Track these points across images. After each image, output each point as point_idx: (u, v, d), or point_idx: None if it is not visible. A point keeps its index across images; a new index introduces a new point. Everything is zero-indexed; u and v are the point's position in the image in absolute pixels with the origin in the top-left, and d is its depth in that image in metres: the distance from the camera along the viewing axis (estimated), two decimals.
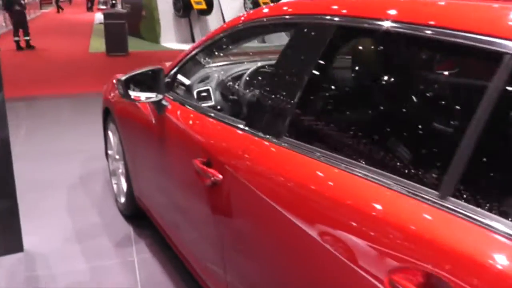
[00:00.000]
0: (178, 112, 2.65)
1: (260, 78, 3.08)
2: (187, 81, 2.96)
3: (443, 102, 1.62)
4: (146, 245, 3.46)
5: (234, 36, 2.56)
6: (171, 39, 15.30)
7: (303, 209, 1.60)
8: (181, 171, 2.56)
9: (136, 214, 3.62)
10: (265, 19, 2.24)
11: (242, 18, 2.43)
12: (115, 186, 3.99)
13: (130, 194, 3.54)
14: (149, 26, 15.72)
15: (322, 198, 1.54)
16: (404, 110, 1.70)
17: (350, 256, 1.39)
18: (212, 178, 2.07)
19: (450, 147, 1.26)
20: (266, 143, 1.88)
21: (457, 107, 1.55)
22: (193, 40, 15.17)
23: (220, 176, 2.04)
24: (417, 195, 1.30)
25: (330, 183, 1.57)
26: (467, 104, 1.31)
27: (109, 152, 4.04)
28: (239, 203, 1.98)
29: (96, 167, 4.82)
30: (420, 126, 1.56)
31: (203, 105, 2.98)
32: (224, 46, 2.71)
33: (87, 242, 3.49)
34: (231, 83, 3.10)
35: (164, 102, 2.72)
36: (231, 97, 3.02)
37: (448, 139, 1.45)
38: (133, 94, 2.72)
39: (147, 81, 2.74)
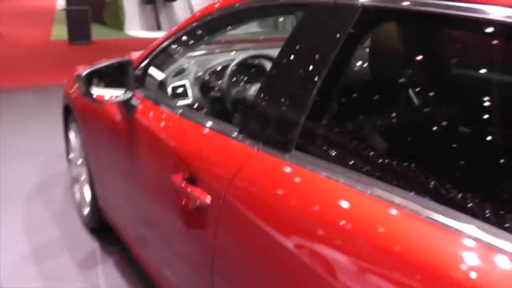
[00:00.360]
0: (151, 113, 2.20)
1: (251, 72, 2.64)
2: (160, 75, 2.51)
3: None
4: (114, 264, 3.00)
5: (215, 23, 2.12)
6: (136, 27, 14.68)
7: (321, 245, 1.19)
8: (156, 186, 2.11)
9: (102, 227, 3.15)
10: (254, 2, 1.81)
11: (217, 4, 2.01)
12: (77, 195, 3.50)
13: (94, 204, 3.07)
14: (113, 13, 15.04)
15: (347, 234, 1.14)
16: (464, 122, 1.28)
17: None
18: (198, 202, 1.64)
19: None
20: (270, 158, 1.46)
21: None
22: (159, 28, 14.60)
23: (208, 200, 1.61)
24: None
25: (358, 215, 1.16)
26: None
27: (71, 155, 3.55)
28: (234, 234, 1.55)
29: (57, 171, 4.30)
30: (486, 145, 1.15)
31: (179, 102, 2.54)
32: (203, 35, 2.26)
33: (46, 263, 3.01)
34: (213, 77, 2.65)
35: (133, 101, 2.27)
36: (213, 94, 2.57)
37: None
38: (96, 91, 2.26)
39: (113, 76, 2.29)
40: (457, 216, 1.02)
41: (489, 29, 1.15)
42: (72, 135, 3.40)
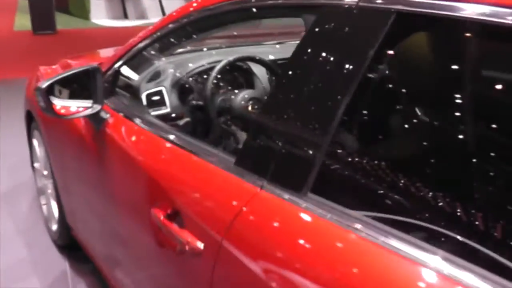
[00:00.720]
0: (123, 129, 1.86)
1: (236, 75, 2.29)
2: (133, 81, 2.14)
3: None
4: (87, 286, 2.65)
5: (195, 24, 1.78)
6: (102, 15, 14.03)
7: None
8: (131, 216, 1.77)
9: (72, 244, 2.77)
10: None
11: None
12: (44, 208, 3.10)
13: (63, 221, 2.70)
14: (78, 1, 14.37)
15: None
16: None
17: None
18: (187, 248, 1.31)
19: None
20: (278, 200, 1.13)
21: None
22: (125, 16, 14.02)
23: (201, 247, 1.28)
24: None
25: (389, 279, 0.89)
26: None
27: (36, 165, 3.15)
28: (237, 285, 1.22)
29: (24, 177, 3.81)
30: None
31: (156, 112, 2.18)
32: (181, 37, 1.90)
33: (10, 286, 2.64)
34: (193, 82, 2.28)
35: (103, 114, 1.91)
36: (195, 102, 2.20)
37: None
38: (59, 103, 1.89)
39: (78, 85, 1.93)
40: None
41: None
42: (36, 143, 3.01)
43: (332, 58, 1.12)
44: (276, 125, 1.21)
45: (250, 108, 2.00)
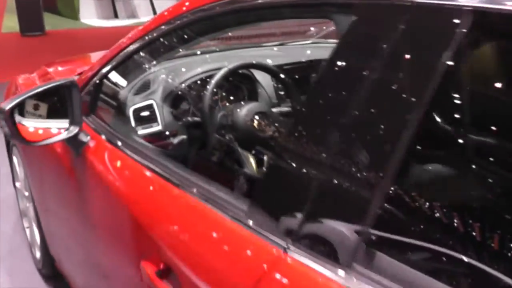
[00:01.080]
0: (106, 156, 1.52)
1: (237, 85, 1.95)
2: (119, 95, 1.81)
3: None
4: None
5: (193, 27, 1.46)
6: (92, 15, 13.61)
7: None
8: (115, 264, 1.45)
9: (57, 273, 2.42)
10: None
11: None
12: (27, 231, 2.75)
13: (46, 248, 2.35)
14: (67, 0, 13.93)
15: None
16: None
17: None
18: None
19: None
20: (311, 271, 0.81)
21: None
22: (116, 16, 13.61)
23: None
24: None
25: None
26: None
27: (17, 184, 2.80)
28: None
29: (7, 194, 3.30)
30: None
31: (145, 130, 1.85)
32: (179, 39, 1.57)
33: None
34: (188, 94, 1.94)
35: (82, 137, 1.58)
36: (191, 119, 1.86)
37: None
38: (30, 124, 1.56)
39: (52, 101, 1.60)
40: None
41: None
42: (16, 161, 2.67)
43: (390, 71, 0.79)
44: (309, 157, 0.87)
45: (256, 124, 1.65)
